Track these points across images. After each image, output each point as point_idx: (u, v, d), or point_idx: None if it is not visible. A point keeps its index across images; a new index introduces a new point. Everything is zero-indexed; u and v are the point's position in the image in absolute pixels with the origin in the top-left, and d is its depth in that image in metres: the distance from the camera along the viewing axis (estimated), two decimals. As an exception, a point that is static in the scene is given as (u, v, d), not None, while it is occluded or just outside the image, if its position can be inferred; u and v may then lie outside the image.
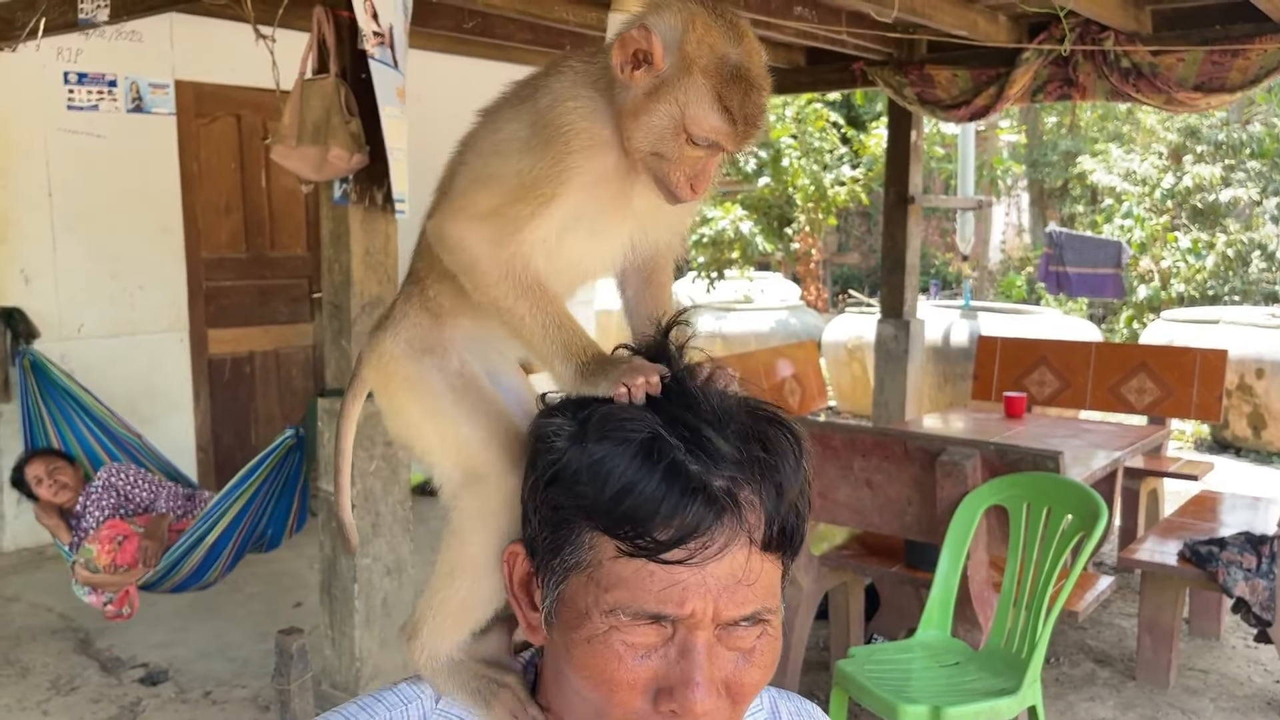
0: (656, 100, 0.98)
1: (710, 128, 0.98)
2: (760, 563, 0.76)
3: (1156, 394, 5.11)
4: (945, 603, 3.03)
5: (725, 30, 0.99)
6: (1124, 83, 5.10)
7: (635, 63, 0.98)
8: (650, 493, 0.74)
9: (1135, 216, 10.51)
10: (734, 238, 10.30)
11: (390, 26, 3.11)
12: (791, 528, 0.79)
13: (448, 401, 1.07)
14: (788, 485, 0.78)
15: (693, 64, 0.97)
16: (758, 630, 0.78)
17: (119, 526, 3.76)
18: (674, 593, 0.74)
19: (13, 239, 4.76)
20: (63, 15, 4.21)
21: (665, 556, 0.74)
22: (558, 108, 1.00)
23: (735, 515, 0.75)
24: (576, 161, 0.99)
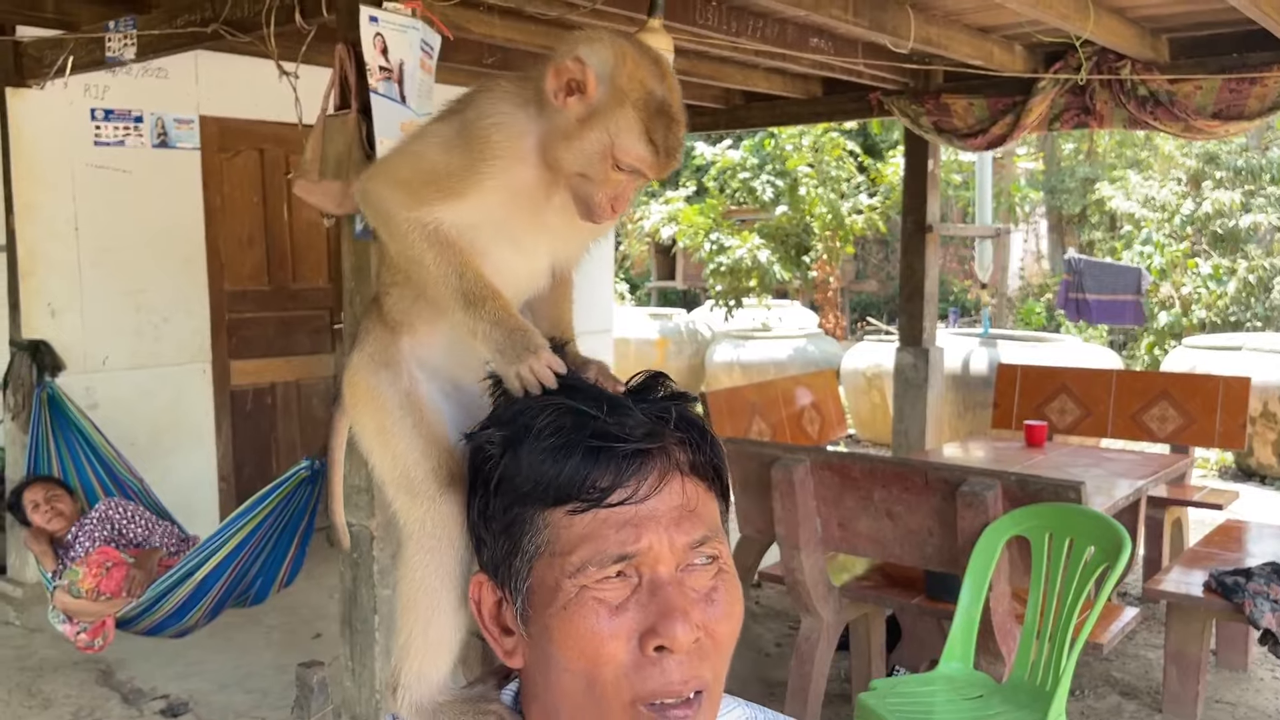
0: (588, 127, 1.06)
1: (636, 157, 1.07)
2: (696, 489, 0.84)
3: (1179, 422, 5.07)
4: (967, 635, 3.01)
5: (651, 67, 1.08)
6: (1141, 111, 5.10)
7: (568, 90, 1.06)
8: (585, 454, 0.82)
9: (1155, 243, 10.47)
10: (751, 266, 10.32)
11: (401, 62, 3.16)
12: (717, 461, 0.88)
13: (395, 419, 1.14)
14: (701, 423, 0.88)
15: (624, 97, 1.06)
16: (713, 568, 0.84)
17: (109, 553, 3.70)
18: (629, 532, 0.81)
19: (40, 272, 4.82)
20: (91, 54, 4.30)
21: (611, 500, 0.81)
22: (483, 120, 1.10)
23: (663, 453, 0.84)
24: (491, 170, 1.08)
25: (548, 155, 1.08)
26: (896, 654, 4.02)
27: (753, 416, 5.13)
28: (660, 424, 0.84)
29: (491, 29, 4.43)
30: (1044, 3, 4.03)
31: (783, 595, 4.67)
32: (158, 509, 4.18)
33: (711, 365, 9.77)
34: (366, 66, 3.03)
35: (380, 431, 1.15)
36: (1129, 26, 4.77)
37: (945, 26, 4.74)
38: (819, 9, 3.96)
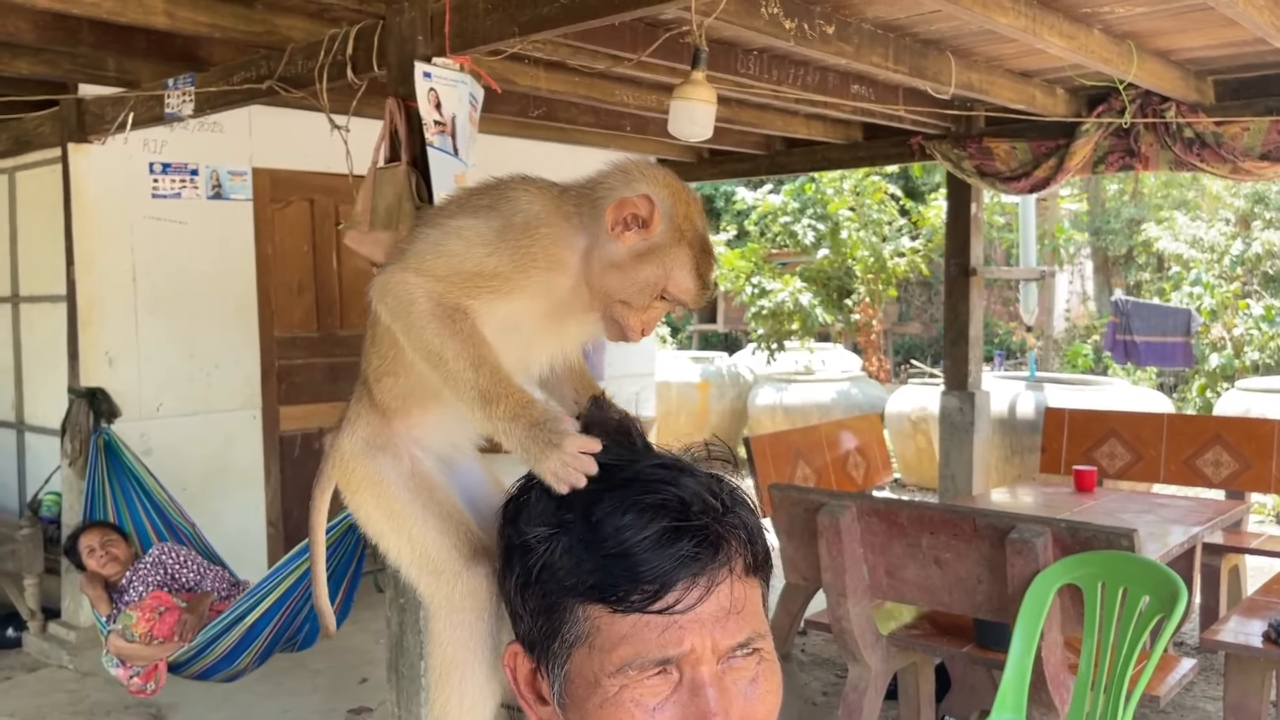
0: (644, 261, 1.10)
1: (685, 290, 1.13)
2: (744, 589, 0.82)
3: (1234, 467, 4.97)
4: (1019, 685, 2.96)
5: (696, 204, 1.14)
6: (1188, 153, 5.07)
7: (626, 224, 1.08)
8: (634, 557, 0.78)
9: (1205, 284, 10.33)
10: (793, 309, 10.31)
11: (453, 116, 3.23)
12: (765, 549, 0.86)
13: (403, 501, 1.15)
14: (751, 509, 0.85)
15: (681, 236, 1.11)
16: (755, 658, 0.82)
17: (163, 598, 3.77)
18: (673, 634, 0.78)
19: (97, 322, 4.95)
20: (150, 110, 4.44)
21: (656, 607, 0.78)
22: (532, 230, 1.11)
23: (712, 552, 0.80)
24: (534, 276, 1.11)
25: (592, 279, 1.11)
26: (946, 704, 3.95)
27: (797, 461, 5.11)
28: (716, 526, 0.81)
29: (536, 81, 4.52)
30: (1085, 48, 4.04)
31: (829, 643, 4.62)
32: (209, 554, 4.25)
33: (754, 409, 9.74)
34: (422, 120, 3.10)
35: (390, 516, 1.15)
36: (1173, 69, 4.76)
37: (986, 71, 4.76)
38: (860, 57, 4.00)
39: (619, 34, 3.79)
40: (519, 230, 1.11)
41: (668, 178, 1.13)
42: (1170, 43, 4.45)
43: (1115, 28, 4.16)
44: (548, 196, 1.14)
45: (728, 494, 0.84)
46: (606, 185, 1.13)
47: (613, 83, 4.93)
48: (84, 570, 4.01)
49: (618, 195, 1.10)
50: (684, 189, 1.14)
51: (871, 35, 4.03)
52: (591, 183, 1.14)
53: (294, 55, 3.82)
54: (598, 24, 3.18)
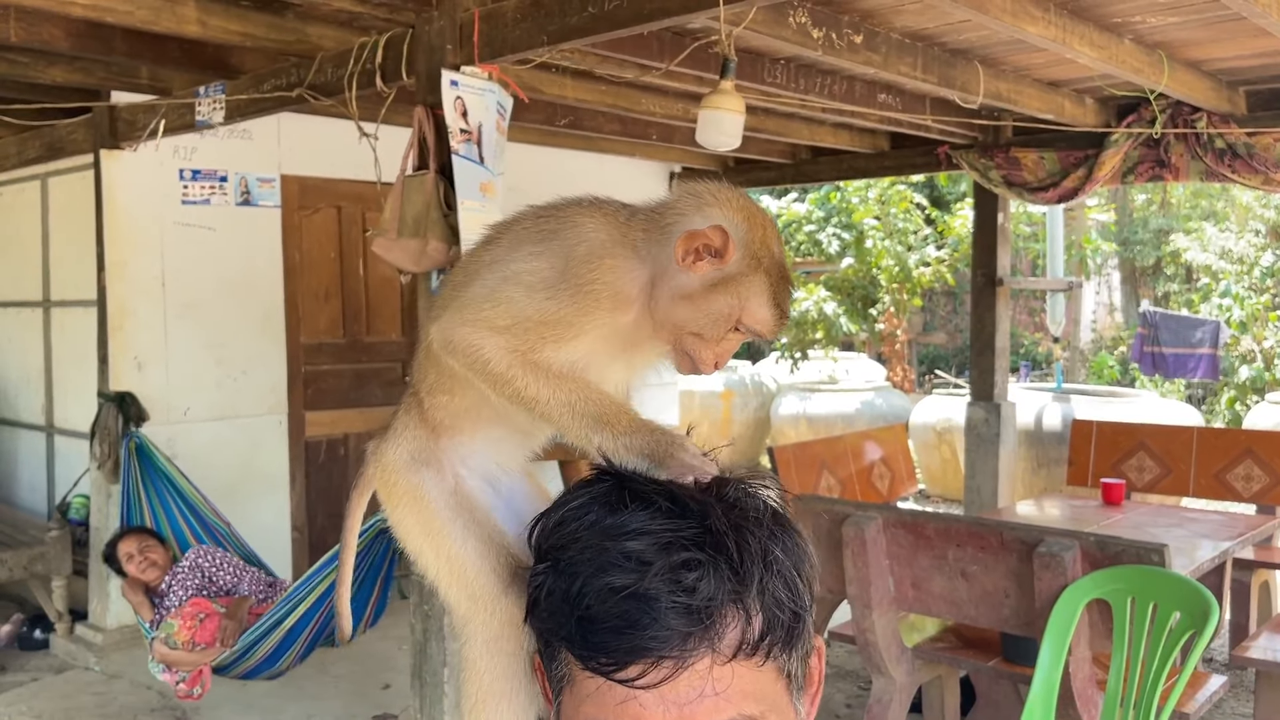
0: (717, 292, 1.03)
1: (761, 321, 1.06)
2: (732, 671, 0.74)
3: (1265, 481, 4.91)
4: (1047, 701, 2.93)
5: (773, 229, 1.06)
6: (1219, 163, 5.02)
7: (698, 254, 1.02)
8: (599, 620, 0.74)
9: (1234, 295, 10.22)
10: (818, 318, 10.29)
11: (480, 124, 3.25)
12: (780, 626, 0.77)
13: (444, 520, 1.11)
14: (769, 592, 0.76)
15: (758, 264, 1.04)
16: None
17: (202, 605, 3.83)
18: (631, 707, 0.73)
19: (128, 327, 5.00)
20: (181, 117, 4.49)
21: (618, 675, 0.73)
22: (594, 263, 1.04)
23: (688, 635, 0.73)
24: (599, 318, 1.04)
25: (659, 311, 1.04)
26: (970, 718, 3.92)
27: (821, 471, 5.09)
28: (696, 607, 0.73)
29: (564, 90, 4.53)
30: (1116, 57, 4.01)
31: (853, 655, 4.59)
32: (245, 552, 4.29)
33: (777, 418, 9.71)
34: (448, 129, 3.12)
35: (429, 534, 1.12)
36: (1204, 79, 4.71)
37: (1015, 81, 4.73)
38: (887, 66, 3.99)
39: (647, 43, 3.80)
40: (581, 265, 1.05)
41: (742, 201, 1.06)
42: (1202, 53, 4.42)
43: (1146, 38, 4.13)
44: (613, 224, 1.08)
45: (748, 563, 0.76)
46: (676, 210, 1.06)
47: (639, 91, 4.94)
48: (124, 576, 4.06)
49: (688, 224, 1.04)
50: (760, 212, 1.07)
51: (899, 45, 4.02)
52: (661, 207, 1.07)
53: (324, 64, 3.85)
54: (625, 33, 3.19)
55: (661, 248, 1.05)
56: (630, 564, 0.74)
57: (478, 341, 1.06)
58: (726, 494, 0.81)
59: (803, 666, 0.81)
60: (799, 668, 0.80)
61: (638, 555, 0.74)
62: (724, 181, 1.11)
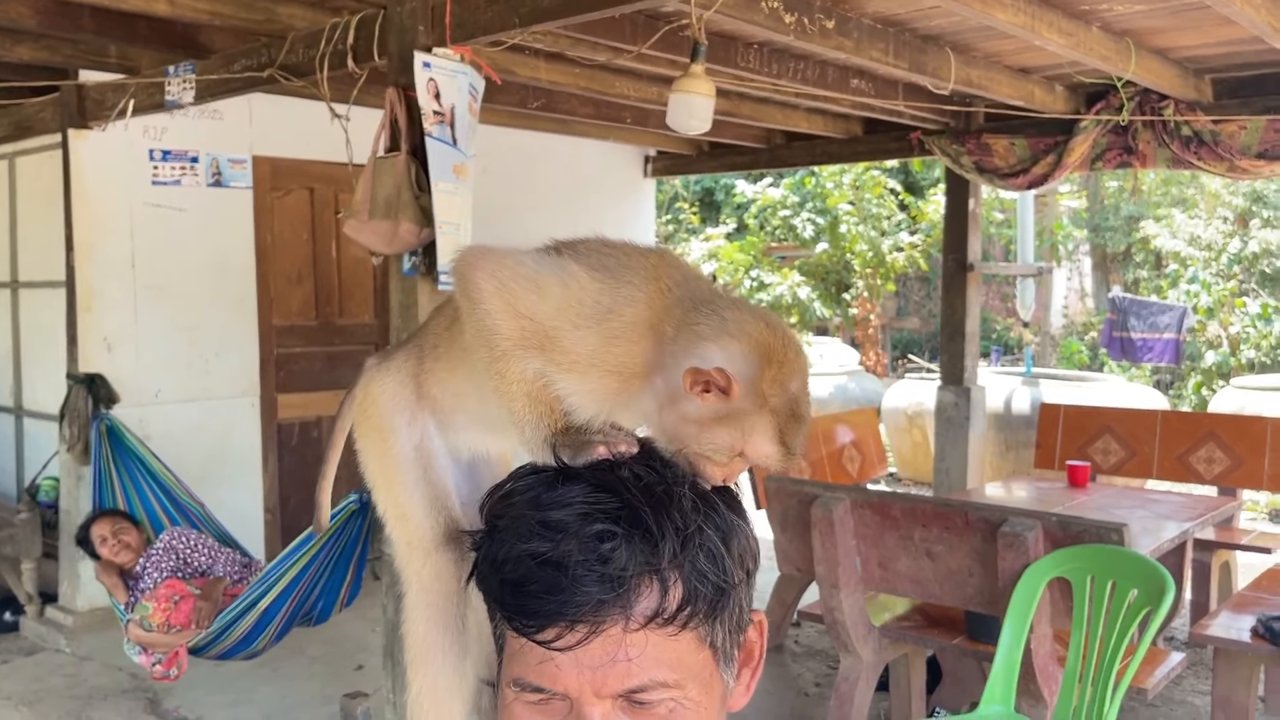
0: (721, 424, 1.00)
1: (765, 455, 1.03)
2: (645, 638, 0.77)
3: (1226, 464, 5.00)
4: (1008, 676, 2.99)
5: (793, 366, 1.02)
6: (1185, 151, 5.09)
7: (705, 388, 0.99)
8: (519, 584, 0.77)
9: (1202, 282, 10.36)
10: (792, 303, 10.34)
11: (452, 106, 3.25)
12: (701, 600, 0.79)
13: (401, 467, 1.16)
14: (690, 565, 0.79)
15: (765, 402, 1.00)
16: (667, 704, 0.79)
17: (176, 586, 3.82)
18: (547, 669, 0.77)
19: (97, 308, 4.97)
20: (151, 97, 4.46)
21: (537, 637, 0.77)
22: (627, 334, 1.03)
23: (602, 603, 0.76)
24: (600, 376, 1.03)
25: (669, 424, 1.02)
26: (937, 695, 3.98)
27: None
28: (610, 576, 0.76)
29: (536, 72, 4.53)
30: (1084, 45, 4.05)
31: (822, 634, 4.65)
32: (219, 533, 4.28)
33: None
34: (421, 111, 3.12)
35: (385, 473, 1.17)
36: (1171, 67, 4.77)
37: (986, 68, 4.77)
38: (860, 52, 4.01)
39: (619, 26, 3.81)
40: (616, 326, 1.03)
41: (764, 333, 1.01)
42: (1168, 41, 4.47)
43: (1113, 25, 4.18)
44: (656, 306, 1.04)
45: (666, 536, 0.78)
46: (698, 331, 1.02)
47: (613, 75, 4.95)
48: (98, 559, 4.05)
49: (701, 352, 1.01)
50: (780, 347, 1.02)
51: (871, 30, 4.05)
52: (694, 314, 1.04)
53: (295, 44, 3.83)
54: (598, 16, 3.20)
55: (677, 361, 1.03)
56: (549, 533, 0.77)
57: (494, 309, 1.04)
58: (653, 473, 0.83)
59: (733, 638, 0.84)
60: (727, 639, 0.83)
61: (557, 525, 0.78)
62: (753, 306, 1.07)
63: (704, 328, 1.02)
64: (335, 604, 3.95)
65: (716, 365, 0.99)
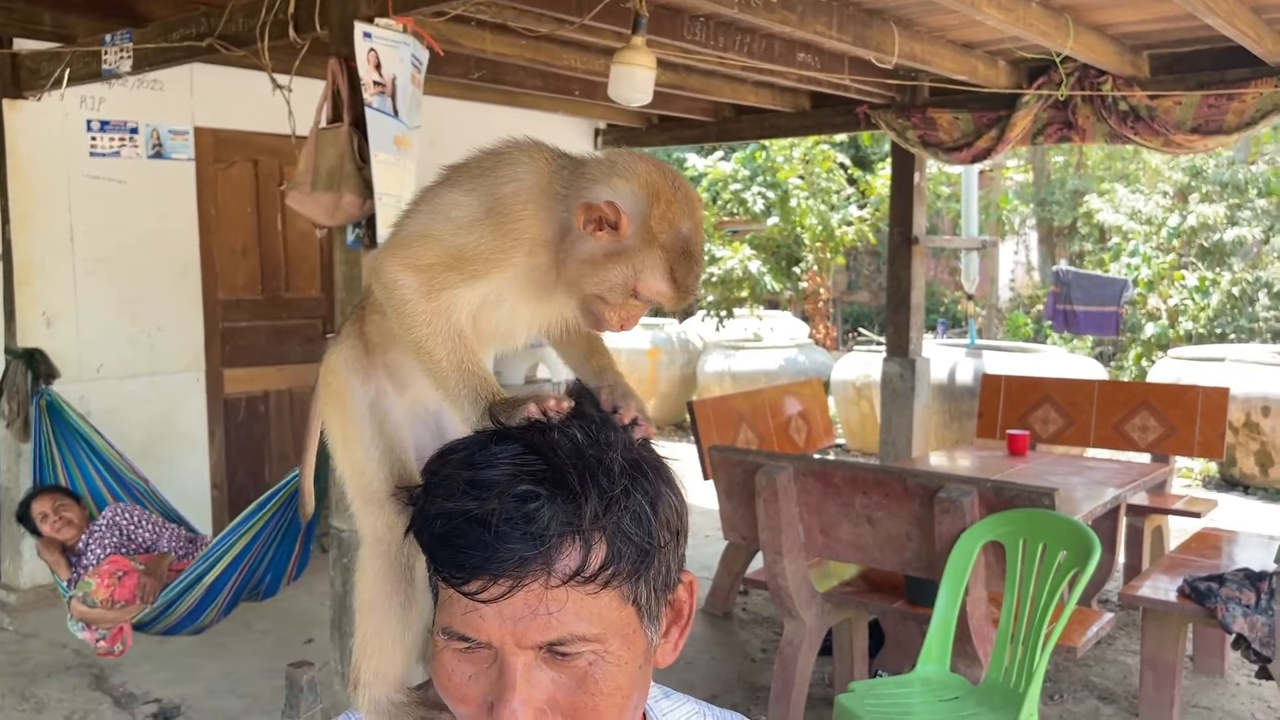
0: (614, 261, 1.08)
1: (657, 293, 1.10)
2: (566, 594, 0.80)
3: (1160, 431, 5.15)
4: (944, 638, 3.07)
5: (682, 205, 1.09)
6: (1123, 125, 5.19)
7: (598, 225, 1.07)
8: (446, 539, 0.81)
9: (1142, 255, 10.58)
10: (742, 277, 10.40)
11: (394, 76, 3.23)
12: (625, 560, 0.82)
13: (357, 424, 1.19)
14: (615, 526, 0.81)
15: (654, 238, 1.08)
16: (588, 657, 0.82)
17: (120, 562, 3.78)
18: (472, 619, 0.81)
19: (35, 282, 4.88)
20: (87, 66, 4.37)
21: (463, 589, 0.81)
22: (514, 204, 1.09)
23: (525, 559, 0.79)
24: (515, 258, 1.10)
25: (566, 269, 1.10)
26: (879, 659, 4.07)
27: (740, 425, 5.20)
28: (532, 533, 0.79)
29: (482, 44, 4.51)
30: (1023, 20, 4.12)
31: (768, 601, 4.73)
32: (165, 509, 4.25)
33: (703, 375, 9.83)
34: (361, 81, 3.10)
35: (344, 435, 1.20)
36: (1109, 43, 4.86)
37: (929, 43, 4.82)
38: (804, 25, 4.04)
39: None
40: (504, 204, 1.09)
41: (651, 174, 1.09)
42: (1106, 17, 4.55)
43: (1052, 2, 4.25)
44: (541, 172, 1.12)
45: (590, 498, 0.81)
46: (589, 176, 1.10)
47: (559, 46, 4.93)
48: (39, 536, 4.00)
49: (592, 192, 1.08)
50: (670, 187, 1.09)
51: (815, 4, 4.07)
52: (582, 166, 1.12)
53: (234, 13, 3.78)
54: (540, -13, 3.19)
55: (572, 209, 1.09)
56: (476, 491, 0.80)
57: (400, 278, 1.10)
58: (586, 436, 0.85)
59: (658, 597, 0.87)
60: (652, 598, 0.86)
61: (485, 483, 0.81)
62: (642, 153, 1.14)
63: (594, 172, 1.09)
64: (283, 578, 3.96)
65: (606, 200, 1.06)
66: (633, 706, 0.86)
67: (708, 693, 4.06)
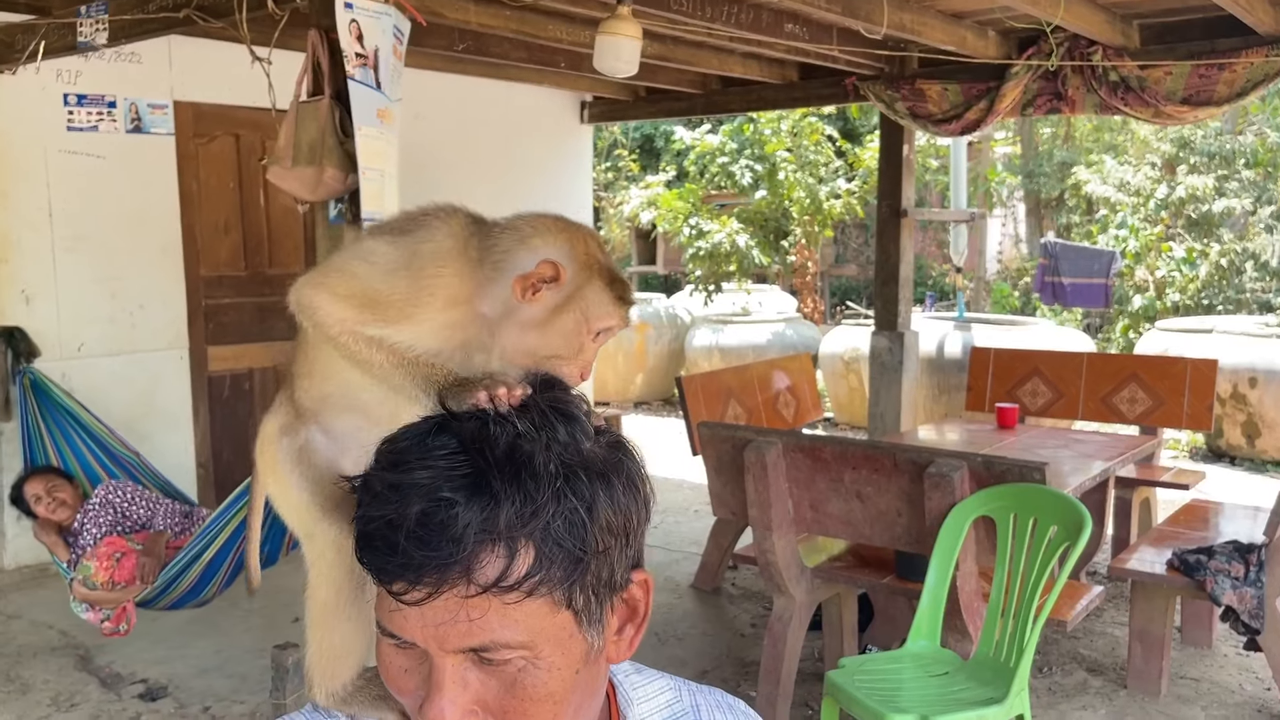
0: (561, 312, 1.16)
1: (609, 320, 1.18)
2: (487, 602, 0.77)
3: (1148, 404, 5.15)
4: (934, 613, 3.07)
5: (594, 239, 1.20)
6: (1112, 96, 5.16)
7: (535, 287, 1.14)
8: (369, 540, 0.79)
9: (1130, 227, 10.57)
10: (730, 251, 10.35)
11: (375, 49, 3.17)
12: (555, 567, 0.78)
13: (286, 470, 1.27)
14: (543, 532, 0.78)
15: (591, 274, 1.17)
16: (517, 663, 0.79)
17: (117, 544, 3.78)
18: (396, 618, 0.79)
19: (13, 259, 4.81)
20: (62, 38, 4.28)
21: (388, 588, 0.79)
22: (432, 262, 1.16)
23: (445, 565, 0.76)
24: (428, 312, 1.16)
25: (511, 344, 1.15)
26: (869, 634, 4.08)
27: (728, 400, 5.18)
28: (475, 533, 0.76)
29: (466, 15, 4.44)
30: (1014, -11, 4.07)
31: (758, 577, 4.73)
32: (158, 483, 4.22)
33: (691, 350, 9.81)
34: (343, 54, 3.04)
35: (277, 486, 1.27)
36: (1099, 13, 4.81)
37: (918, 12, 4.77)
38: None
39: (548, -33, 3.73)
40: (422, 260, 1.15)
41: (560, 223, 1.17)
42: (1097, -14, 4.51)
43: (1043, -30, 4.20)
44: (458, 236, 1.18)
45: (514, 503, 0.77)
46: (502, 249, 1.16)
47: (544, 17, 4.86)
48: (35, 519, 3.96)
49: (517, 264, 1.15)
50: (578, 226, 1.19)
51: (803, -27, 4.02)
52: (493, 240, 1.18)
53: (212, -17, 3.70)
54: (524, -44, 3.13)
55: (495, 284, 1.17)
56: (395, 495, 0.78)
57: (319, 304, 1.18)
58: (531, 430, 0.81)
59: (598, 601, 0.83)
60: (591, 602, 0.82)
61: (404, 486, 0.78)
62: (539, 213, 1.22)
63: (506, 241, 1.17)
64: (281, 549, 3.94)
65: (540, 261, 1.14)
66: (573, 709, 0.84)
67: (697, 668, 4.06)
